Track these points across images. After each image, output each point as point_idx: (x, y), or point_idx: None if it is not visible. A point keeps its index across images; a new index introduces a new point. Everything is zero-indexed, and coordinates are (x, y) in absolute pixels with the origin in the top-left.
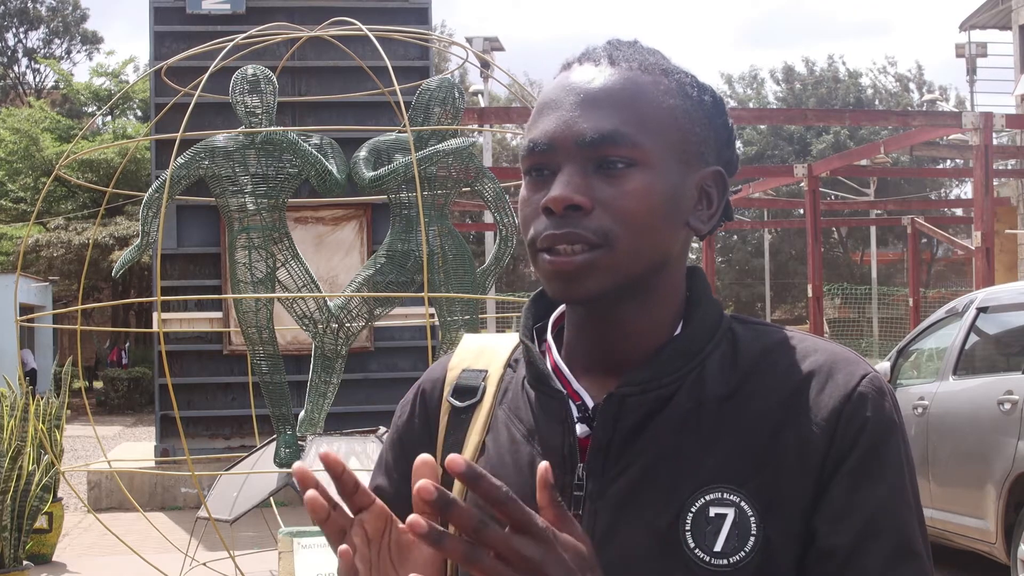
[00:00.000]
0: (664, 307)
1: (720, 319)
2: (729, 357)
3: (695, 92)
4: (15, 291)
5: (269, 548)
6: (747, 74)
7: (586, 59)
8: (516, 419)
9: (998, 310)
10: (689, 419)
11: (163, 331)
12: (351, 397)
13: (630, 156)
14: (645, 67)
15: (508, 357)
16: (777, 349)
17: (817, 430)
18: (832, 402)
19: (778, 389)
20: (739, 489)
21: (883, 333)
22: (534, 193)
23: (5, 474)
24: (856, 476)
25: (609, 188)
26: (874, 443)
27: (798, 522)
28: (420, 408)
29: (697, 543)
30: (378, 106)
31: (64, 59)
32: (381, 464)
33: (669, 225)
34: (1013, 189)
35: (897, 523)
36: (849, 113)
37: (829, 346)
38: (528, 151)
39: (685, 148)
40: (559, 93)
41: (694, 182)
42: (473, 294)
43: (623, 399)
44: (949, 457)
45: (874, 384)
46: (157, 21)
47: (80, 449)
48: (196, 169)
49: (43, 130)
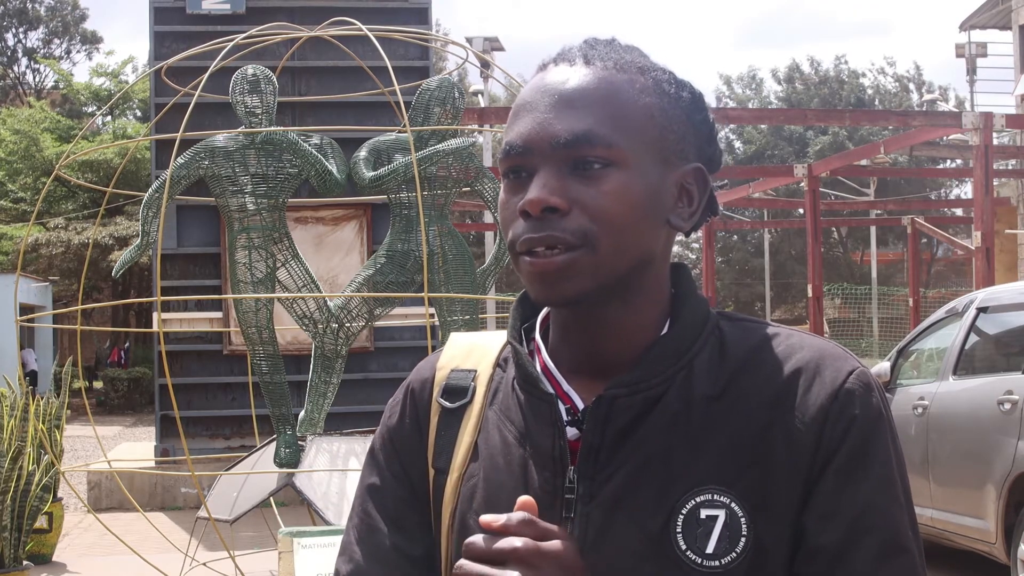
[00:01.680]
0: (650, 306)
1: (707, 316)
2: (717, 355)
3: (672, 89)
4: (15, 291)
5: (269, 548)
6: (747, 74)
7: (561, 59)
8: (507, 421)
9: (998, 310)
10: (679, 420)
11: (163, 331)
12: (351, 397)
13: (606, 156)
14: (620, 66)
15: (497, 357)
16: (764, 346)
17: (805, 428)
18: (819, 400)
19: (766, 388)
20: (729, 490)
21: (883, 333)
22: (512, 196)
23: (5, 474)
24: (845, 474)
25: (586, 189)
26: (862, 440)
27: (788, 521)
28: (410, 408)
29: (689, 545)
30: (378, 106)
31: (64, 59)
32: (373, 464)
33: (649, 224)
34: (1013, 189)
35: (886, 519)
36: (849, 113)
37: (816, 342)
38: (505, 154)
39: (663, 146)
40: (534, 95)
41: (673, 180)
42: (473, 294)
43: (612, 401)
44: (949, 457)
45: (861, 380)
46: (157, 21)
47: (80, 449)
48: (196, 169)
49: (43, 130)
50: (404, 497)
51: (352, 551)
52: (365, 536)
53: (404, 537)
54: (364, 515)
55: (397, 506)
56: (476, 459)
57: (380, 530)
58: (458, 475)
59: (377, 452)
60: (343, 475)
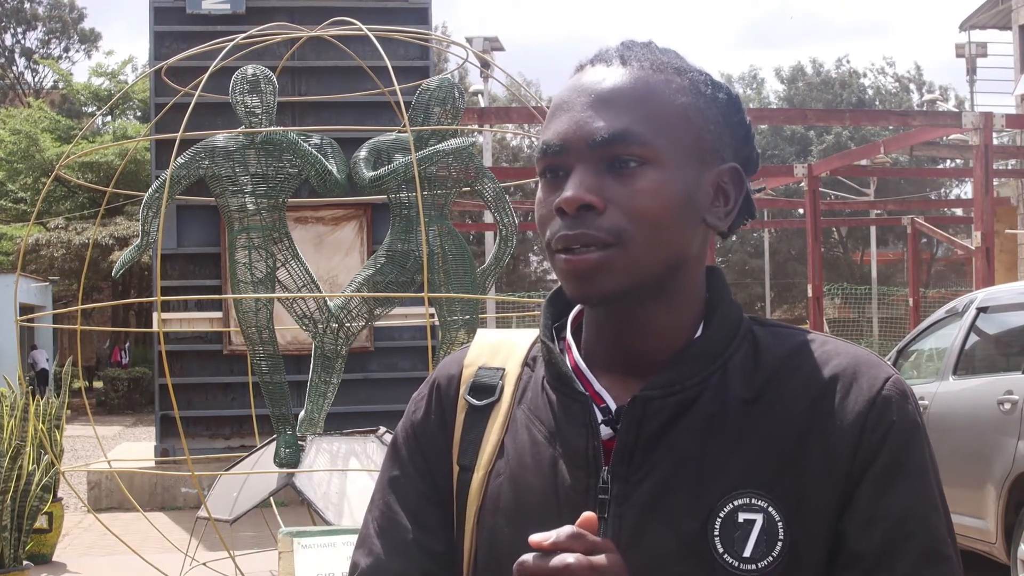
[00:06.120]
0: (684, 307)
1: (740, 321)
2: (751, 360)
3: (709, 90)
4: (15, 291)
5: (269, 548)
6: (747, 74)
7: (598, 60)
8: (536, 420)
9: (998, 310)
10: (714, 422)
11: (163, 331)
12: (351, 397)
13: (642, 155)
14: (657, 66)
15: (525, 355)
16: (799, 352)
17: (842, 435)
18: (857, 407)
19: (802, 393)
20: (767, 494)
21: (883, 333)
22: (549, 195)
23: (5, 474)
24: (883, 481)
25: (621, 187)
26: (900, 447)
27: (824, 527)
28: (436, 404)
29: (726, 548)
30: (378, 106)
31: (63, 58)
32: (395, 457)
33: (684, 223)
34: (1013, 189)
35: (926, 526)
36: (849, 113)
37: (851, 349)
38: (542, 153)
39: (699, 146)
40: (571, 95)
41: (709, 179)
42: (473, 294)
43: (647, 402)
44: (949, 457)
45: (897, 387)
46: (157, 21)
47: (80, 449)
48: (196, 169)
49: (43, 130)
50: (426, 492)
51: (372, 544)
52: (386, 529)
53: (425, 532)
54: (385, 508)
55: (419, 501)
56: (503, 457)
57: (402, 524)
58: (484, 473)
59: (400, 446)
60: (343, 475)
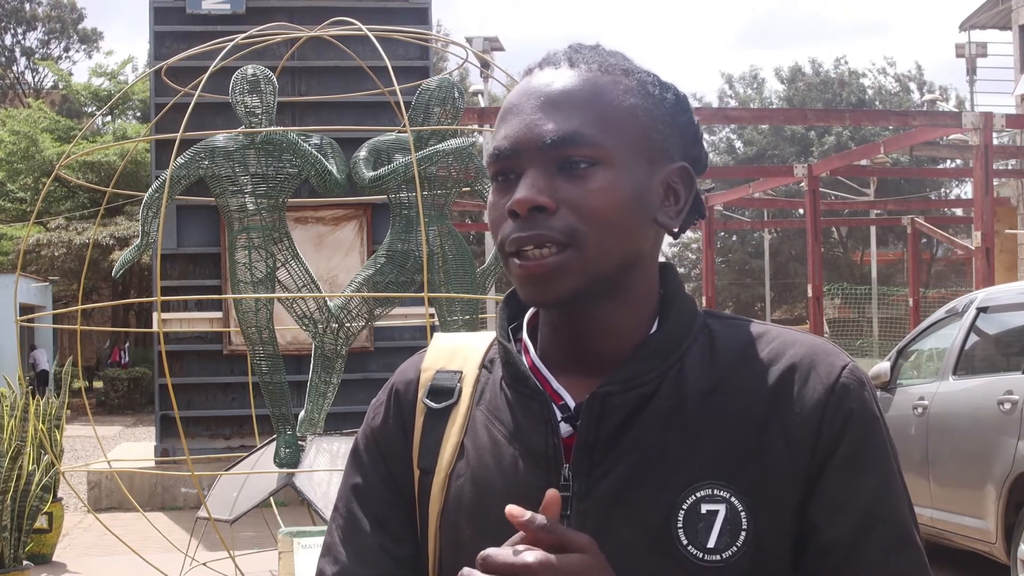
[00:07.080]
0: (639, 305)
1: (695, 315)
2: (707, 353)
3: (657, 91)
4: (15, 291)
5: (269, 548)
6: (747, 74)
7: (546, 63)
8: (496, 420)
9: (998, 310)
10: (673, 415)
11: (163, 331)
12: (351, 397)
13: (592, 155)
14: (605, 68)
15: (483, 358)
16: (756, 343)
17: (802, 424)
18: (816, 395)
19: (760, 384)
20: (728, 485)
21: (883, 333)
22: (500, 198)
23: (5, 474)
24: (848, 468)
25: (573, 188)
26: (861, 434)
27: (788, 515)
28: (395, 409)
29: (690, 540)
30: (378, 106)
31: (63, 58)
32: (357, 464)
33: (636, 222)
34: (1013, 189)
35: (892, 512)
36: (850, 113)
37: (806, 339)
38: (493, 157)
39: (648, 146)
40: (520, 98)
41: (659, 179)
42: (473, 294)
43: (606, 397)
44: (949, 457)
45: (855, 375)
46: (157, 21)
47: (80, 449)
48: (196, 169)
49: (42, 130)
50: (389, 498)
51: (337, 552)
52: (350, 536)
53: (390, 537)
54: (349, 515)
55: (382, 506)
56: (463, 458)
57: (365, 531)
58: (444, 475)
59: (361, 452)
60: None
